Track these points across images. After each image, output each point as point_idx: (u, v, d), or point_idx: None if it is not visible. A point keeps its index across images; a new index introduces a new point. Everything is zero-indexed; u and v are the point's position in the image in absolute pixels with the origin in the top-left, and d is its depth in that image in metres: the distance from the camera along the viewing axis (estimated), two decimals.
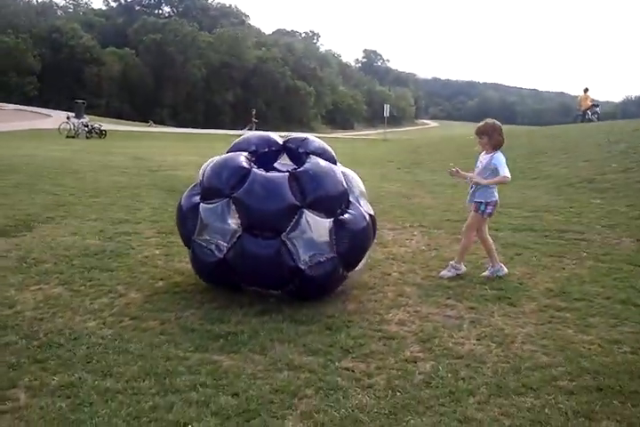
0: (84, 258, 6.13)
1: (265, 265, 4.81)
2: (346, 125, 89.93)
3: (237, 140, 5.72)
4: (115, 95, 66.75)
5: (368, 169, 15.16)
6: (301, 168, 5.02)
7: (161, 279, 5.60)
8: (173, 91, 69.98)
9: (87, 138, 28.01)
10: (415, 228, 8.08)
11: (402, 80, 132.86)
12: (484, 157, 5.88)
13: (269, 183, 4.87)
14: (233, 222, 4.85)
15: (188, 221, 5.16)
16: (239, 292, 5.18)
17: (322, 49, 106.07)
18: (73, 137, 27.80)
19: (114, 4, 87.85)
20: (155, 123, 47.80)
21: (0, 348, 4.01)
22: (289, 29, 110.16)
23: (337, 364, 3.95)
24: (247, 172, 4.94)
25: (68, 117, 30.56)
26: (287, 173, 4.96)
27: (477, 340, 4.40)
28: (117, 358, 3.94)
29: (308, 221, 4.78)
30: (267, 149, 5.43)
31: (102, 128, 29.64)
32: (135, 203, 9.32)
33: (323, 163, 5.16)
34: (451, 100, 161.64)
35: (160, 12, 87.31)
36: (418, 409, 3.42)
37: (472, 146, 6.54)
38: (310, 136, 5.74)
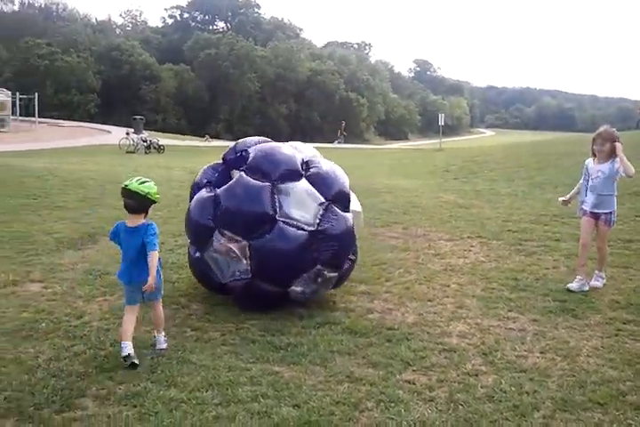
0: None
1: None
2: (400, 136, 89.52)
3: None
4: (171, 110, 68.27)
5: (424, 180, 15.07)
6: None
7: None
8: (228, 105, 71.12)
9: (146, 153, 28.71)
10: (474, 239, 7.97)
11: (456, 89, 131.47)
12: (601, 166, 5.69)
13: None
14: None
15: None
16: (298, 304, 5.23)
17: (373, 59, 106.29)
18: (132, 152, 28.54)
19: (170, 21, 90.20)
20: (210, 137, 48.57)
21: (70, 357, 4.15)
22: (341, 41, 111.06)
23: (398, 376, 3.93)
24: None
25: (127, 133, 31.39)
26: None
27: (541, 353, 4.31)
28: (181, 368, 4.02)
29: None
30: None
31: (160, 143, 30.35)
32: None
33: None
34: (507, 107, 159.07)
35: (214, 27, 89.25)
36: (481, 423, 3.37)
37: (531, 155, 6.40)
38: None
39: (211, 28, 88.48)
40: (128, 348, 4.07)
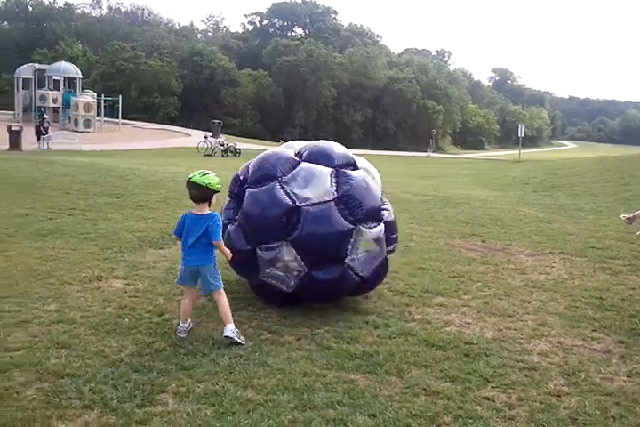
0: (224, 271, 6.38)
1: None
2: (477, 146, 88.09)
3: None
4: (248, 115, 69.60)
5: (502, 191, 14.77)
6: None
7: None
8: (304, 110, 71.90)
9: (223, 156, 29.32)
10: (556, 254, 7.72)
11: (536, 99, 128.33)
12: None
13: None
14: None
15: None
16: (373, 313, 5.21)
17: (452, 67, 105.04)
18: (210, 155, 29.22)
19: (250, 28, 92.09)
20: (285, 142, 49.31)
21: (151, 353, 4.26)
22: (420, 48, 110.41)
23: (476, 392, 3.84)
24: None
25: (205, 137, 32.16)
26: None
27: (628, 376, 4.13)
28: (257, 370, 4.06)
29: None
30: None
31: (237, 147, 30.96)
32: None
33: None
34: (589, 119, 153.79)
35: (293, 33, 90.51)
36: None
37: (616, 169, 6.16)
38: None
39: (289, 34, 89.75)
40: (182, 331, 4.57)
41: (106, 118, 42.42)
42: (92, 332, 4.61)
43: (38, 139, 26.64)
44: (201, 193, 4.58)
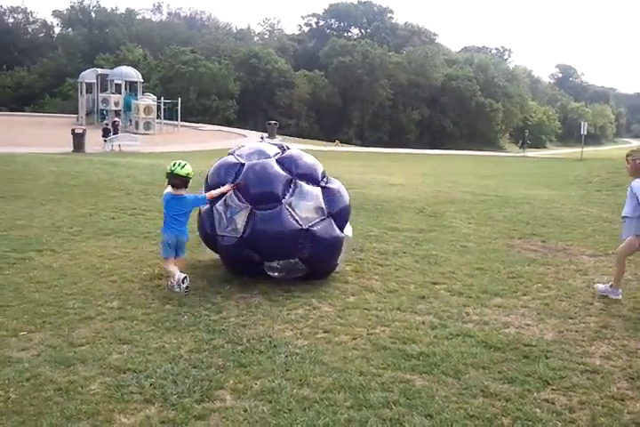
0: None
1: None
2: (537, 144, 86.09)
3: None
4: (304, 115, 69.96)
5: (564, 191, 14.40)
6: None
7: (352, 295, 5.73)
8: (360, 111, 71.78)
9: None
10: None
11: (600, 95, 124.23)
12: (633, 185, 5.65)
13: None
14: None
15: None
16: (430, 314, 5.17)
17: (512, 64, 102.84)
18: None
19: (306, 29, 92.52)
20: (341, 142, 49.29)
21: (209, 350, 4.34)
22: (479, 46, 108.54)
23: (535, 394, 3.77)
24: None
25: (261, 137, 32.48)
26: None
27: None
28: (313, 368, 4.08)
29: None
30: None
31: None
32: None
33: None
34: None
35: (349, 34, 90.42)
36: None
37: None
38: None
39: (346, 34, 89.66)
40: (178, 275, 5.59)
41: (165, 121, 43.40)
42: (152, 328, 4.73)
43: (105, 137, 27.52)
44: (181, 182, 5.78)
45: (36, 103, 62.33)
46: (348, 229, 6.42)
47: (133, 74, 44.32)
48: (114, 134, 28.61)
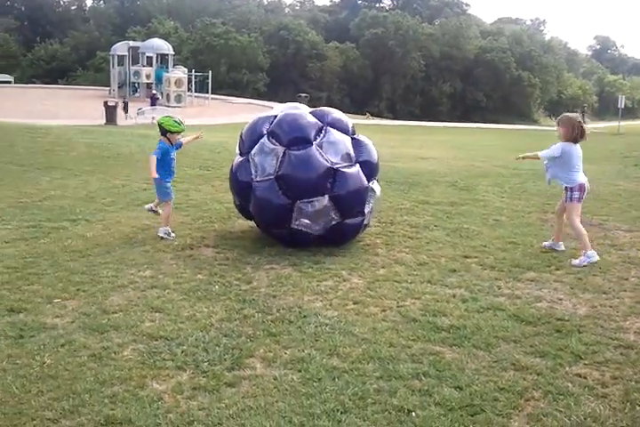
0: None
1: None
2: None
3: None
4: (335, 88, 69.30)
5: (600, 165, 14.09)
6: None
7: (382, 267, 5.71)
8: (391, 83, 70.80)
9: None
10: None
11: (639, 68, 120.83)
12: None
13: None
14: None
15: None
16: (461, 287, 5.14)
17: (547, 36, 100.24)
18: None
19: (337, 0, 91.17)
20: (371, 115, 48.86)
21: (240, 319, 4.37)
22: (513, 17, 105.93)
23: (567, 369, 3.72)
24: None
25: None
26: None
27: None
28: (343, 339, 4.09)
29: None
30: None
31: None
32: None
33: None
34: None
35: (381, 5, 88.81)
36: None
37: None
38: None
39: (377, 6, 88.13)
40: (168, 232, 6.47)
41: (196, 94, 43.43)
42: (184, 297, 4.78)
43: (153, 105, 28.10)
44: (160, 129, 6.65)
45: (68, 76, 62.88)
46: (377, 187, 6.52)
47: (164, 46, 44.34)
48: (152, 106, 28.94)
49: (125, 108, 28.60)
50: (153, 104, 30.67)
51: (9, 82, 54.13)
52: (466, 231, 7.11)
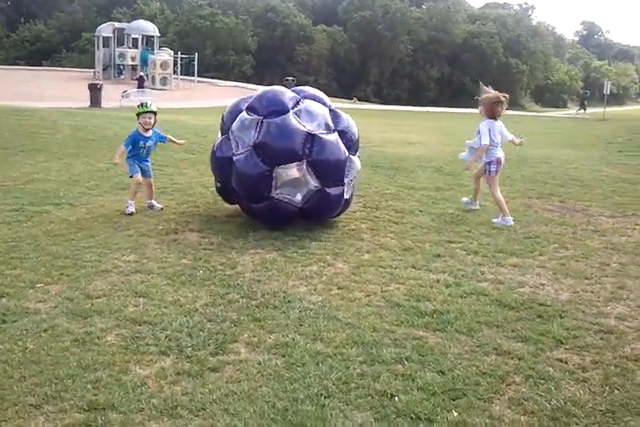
0: (294, 226, 6.44)
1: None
2: (558, 103, 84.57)
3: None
4: (323, 72, 68.90)
5: (585, 151, 14.19)
6: None
7: (367, 252, 5.73)
8: (379, 67, 70.50)
9: None
10: (639, 216, 7.38)
11: (625, 54, 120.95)
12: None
13: None
14: None
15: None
16: (444, 272, 5.17)
17: (534, 21, 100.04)
18: None
19: None
20: (359, 100, 48.66)
21: (224, 304, 4.37)
22: (500, 2, 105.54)
23: (548, 353, 3.77)
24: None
25: None
26: None
27: None
28: (327, 324, 4.10)
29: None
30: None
31: None
32: None
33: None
34: None
35: None
36: (639, 410, 3.15)
37: None
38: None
39: None
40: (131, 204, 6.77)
41: (182, 76, 42.98)
42: (168, 282, 4.77)
43: (141, 87, 28.09)
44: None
45: (53, 58, 61.99)
46: (357, 160, 6.58)
47: (150, 28, 43.74)
48: (139, 88, 28.70)
49: (141, 85, 28.66)
50: (140, 86, 30.33)
51: None
52: (450, 216, 7.14)
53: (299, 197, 6.13)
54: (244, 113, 6.30)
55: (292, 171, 6.01)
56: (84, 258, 5.23)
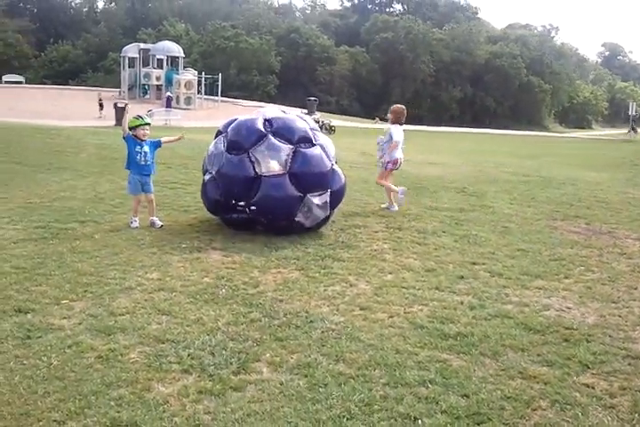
0: (318, 247, 6.44)
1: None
2: (582, 124, 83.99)
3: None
4: (344, 92, 69.30)
5: (610, 172, 14.07)
6: None
7: (390, 273, 5.70)
8: (401, 88, 70.70)
9: None
10: None
11: None
12: (388, 128, 8.69)
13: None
14: None
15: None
16: (468, 294, 5.13)
17: (558, 42, 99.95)
18: None
19: (348, 4, 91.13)
20: (380, 119, 48.85)
21: (247, 323, 4.37)
22: (523, 23, 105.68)
23: (575, 378, 3.70)
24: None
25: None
26: None
27: None
28: (349, 344, 4.08)
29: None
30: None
31: (332, 124, 30.96)
32: (364, 197, 9.59)
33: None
34: None
35: (391, 9, 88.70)
36: None
37: None
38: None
39: (388, 10, 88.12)
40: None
41: (206, 96, 43.51)
42: (190, 300, 4.78)
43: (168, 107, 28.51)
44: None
45: (79, 77, 63.16)
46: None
47: (175, 49, 44.48)
48: (167, 108, 29.23)
49: (101, 106, 29.28)
50: (168, 106, 30.78)
51: (20, 82, 54.41)
52: (474, 238, 7.09)
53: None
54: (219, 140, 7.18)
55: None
56: (108, 275, 5.27)
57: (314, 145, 6.88)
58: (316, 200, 6.75)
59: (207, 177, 7.09)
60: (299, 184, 6.64)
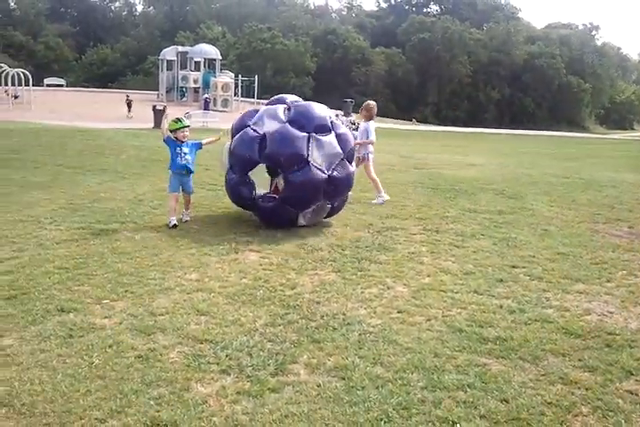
0: (355, 249, 6.44)
1: None
2: (624, 125, 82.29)
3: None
4: (380, 93, 69.03)
5: None
6: None
7: (428, 276, 5.66)
8: (437, 89, 70.38)
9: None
10: None
11: None
12: (362, 124, 9.63)
13: None
14: None
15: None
16: (508, 298, 5.06)
17: (599, 42, 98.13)
18: None
19: (384, 5, 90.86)
20: (417, 121, 48.61)
21: (284, 325, 4.38)
22: (564, 22, 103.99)
23: (617, 384, 3.62)
24: None
25: (336, 115, 32.31)
26: None
27: None
28: (387, 347, 4.06)
29: None
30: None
31: None
32: (402, 199, 9.55)
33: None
34: None
35: (428, 10, 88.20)
36: None
37: None
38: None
39: (425, 10, 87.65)
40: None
41: (242, 98, 43.87)
42: (229, 301, 4.82)
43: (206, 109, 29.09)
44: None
45: (119, 80, 64.33)
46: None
47: (212, 51, 44.98)
48: (204, 110, 29.63)
49: (129, 106, 29.76)
50: (206, 108, 31.14)
51: (62, 85, 55.64)
52: (514, 241, 7.00)
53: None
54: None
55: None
56: (147, 276, 5.34)
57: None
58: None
59: (251, 133, 7.13)
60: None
